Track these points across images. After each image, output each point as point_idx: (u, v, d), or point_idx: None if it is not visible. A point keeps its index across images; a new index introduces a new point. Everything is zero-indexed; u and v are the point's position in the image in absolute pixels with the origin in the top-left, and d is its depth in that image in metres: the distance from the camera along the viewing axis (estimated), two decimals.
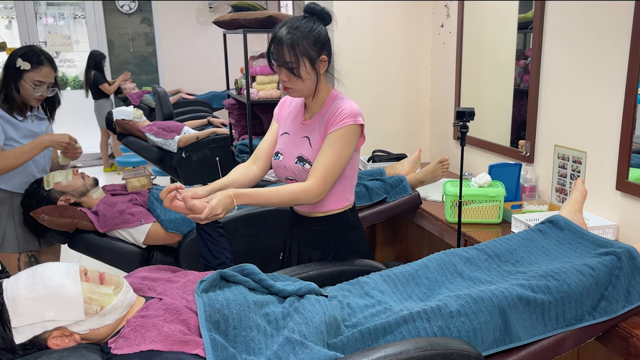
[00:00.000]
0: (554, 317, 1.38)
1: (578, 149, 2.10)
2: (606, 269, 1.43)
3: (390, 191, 2.44)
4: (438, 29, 3.14)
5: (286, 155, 1.75)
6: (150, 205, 2.46)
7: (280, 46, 1.59)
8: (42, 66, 2.28)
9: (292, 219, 1.86)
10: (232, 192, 1.55)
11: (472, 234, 2.09)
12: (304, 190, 1.62)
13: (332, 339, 1.31)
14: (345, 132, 1.63)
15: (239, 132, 4.14)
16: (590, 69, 2.02)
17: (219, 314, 1.26)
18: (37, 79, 2.27)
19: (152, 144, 4.43)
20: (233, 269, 1.45)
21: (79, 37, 7.25)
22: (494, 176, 2.30)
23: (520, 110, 2.48)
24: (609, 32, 1.92)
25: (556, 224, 1.66)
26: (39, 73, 2.27)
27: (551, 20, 2.22)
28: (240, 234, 2.32)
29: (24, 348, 1.19)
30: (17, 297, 1.17)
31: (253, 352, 1.23)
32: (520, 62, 2.45)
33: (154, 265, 1.59)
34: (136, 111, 4.57)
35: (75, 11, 7.24)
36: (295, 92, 1.67)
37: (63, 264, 1.27)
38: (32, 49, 2.29)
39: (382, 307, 1.39)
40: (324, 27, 1.65)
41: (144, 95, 6.38)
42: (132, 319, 1.24)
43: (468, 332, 1.30)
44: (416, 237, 3.05)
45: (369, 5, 3.07)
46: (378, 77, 3.18)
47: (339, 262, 1.75)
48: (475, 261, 1.55)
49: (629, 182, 1.87)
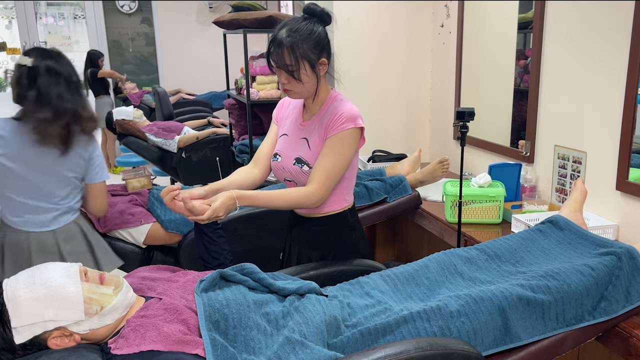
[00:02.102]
0: (554, 317, 1.38)
1: (578, 149, 2.10)
2: (606, 269, 1.43)
3: (390, 191, 2.44)
4: (438, 29, 3.14)
5: (284, 156, 1.75)
6: (150, 205, 2.46)
7: (280, 49, 1.58)
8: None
9: (292, 219, 1.86)
10: (235, 194, 1.56)
11: (472, 234, 2.09)
12: (306, 195, 1.63)
13: (332, 339, 1.31)
14: (345, 135, 1.63)
15: (239, 132, 4.14)
16: (590, 69, 2.02)
17: (219, 314, 1.26)
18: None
19: (152, 144, 4.43)
20: (233, 268, 1.45)
21: (79, 37, 7.25)
22: (494, 176, 2.30)
23: (520, 110, 2.48)
24: (609, 32, 1.92)
25: (556, 224, 1.66)
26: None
27: (551, 20, 2.22)
28: (240, 234, 2.32)
29: (24, 348, 1.19)
30: (17, 297, 1.17)
31: (253, 351, 1.23)
32: (520, 62, 2.45)
33: (153, 265, 1.59)
34: (136, 111, 4.57)
35: (75, 11, 7.24)
36: (295, 94, 1.66)
37: (63, 264, 1.27)
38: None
39: (382, 307, 1.39)
40: (323, 29, 1.65)
41: (144, 95, 6.38)
42: (132, 319, 1.24)
43: (468, 332, 1.30)
44: (416, 237, 3.05)
45: (368, 5, 3.07)
46: (378, 77, 3.18)
47: (339, 262, 1.75)
48: (475, 261, 1.55)
49: (629, 182, 1.87)
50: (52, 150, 1.88)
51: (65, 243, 1.97)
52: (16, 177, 1.87)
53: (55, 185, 1.93)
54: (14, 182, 1.88)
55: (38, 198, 1.92)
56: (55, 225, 1.96)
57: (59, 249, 1.96)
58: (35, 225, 1.93)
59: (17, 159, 1.85)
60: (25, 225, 1.93)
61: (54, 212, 1.96)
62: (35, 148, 1.86)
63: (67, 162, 1.93)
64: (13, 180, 1.88)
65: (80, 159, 1.96)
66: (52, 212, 1.95)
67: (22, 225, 1.93)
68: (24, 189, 1.90)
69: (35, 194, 1.91)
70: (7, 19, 7.16)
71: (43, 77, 1.84)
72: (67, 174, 1.94)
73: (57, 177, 1.93)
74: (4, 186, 1.89)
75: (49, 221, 1.95)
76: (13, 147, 1.84)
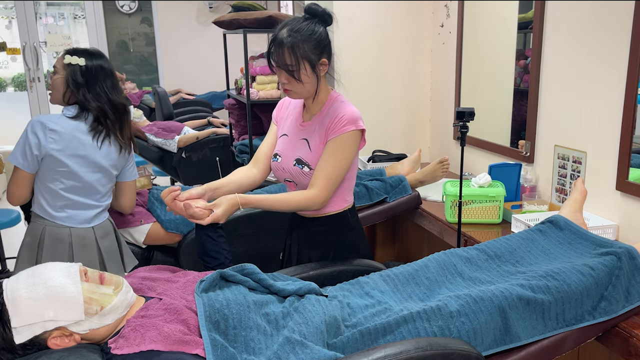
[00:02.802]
0: (554, 317, 1.38)
1: (578, 149, 2.10)
2: (606, 269, 1.43)
3: (390, 191, 2.44)
4: (438, 29, 3.14)
5: (284, 157, 1.75)
6: (150, 205, 2.46)
7: (280, 48, 1.58)
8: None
9: (292, 220, 1.86)
10: (239, 200, 1.57)
11: (472, 234, 2.09)
12: (309, 199, 1.64)
13: (332, 339, 1.31)
14: (347, 138, 1.63)
15: (239, 132, 4.14)
16: (590, 69, 2.02)
17: (219, 314, 1.26)
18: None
19: (152, 144, 4.43)
20: (233, 268, 1.45)
21: (79, 37, 7.26)
22: (494, 176, 2.30)
23: (520, 110, 2.48)
24: (609, 32, 1.92)
25: (556, 224, 1.66)
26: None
27: (551, 20, 2.22)
28: (240, 234, 2.32)
29: (24, 348, 1.19)
30: (17, 297, 1.17)
31: (253, 352, 1.23)
32: (520, 62, 2.45)
33: (153, 265, 1.59)
34: (136, 111, 4.57)
35: (75, 11, 7.24)
36: (295, 94, 1.66)
37: (63, 264, 1.27)
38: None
39: (382, 307, 1.39)
40: (324, 29, 1.65)
41: (144, 95, 6.37)
42: (132, 319, 1.24)
43: (468, 332, 1.30)
44: (416, 237, 3.05)
45: (369, 6, 3.07)
46: (378, 78, 3.18)
47: (339, 262, 1.75)
48: (475, 261, 1.55)
49: (629, 182, 1.87)
50: (108, 149, 1.98)
51: (102, 239, 2.05)
52: (69, 172, 1.93)
53: (101, 182, 2.01)
54: (65, 178, 1.93)
55: (85, 195, 1.98)
56: (95, 222, 2.03)
57: (97, 244, 2.03)
58: (78, 222, 1.99)
59: (72, 155, 1.91)
60: (69, 220, 1.97)
61: (96, 210, 2.03)
62: (88, 145, 1.94)
63: (113, 159, 2.01)
64: (65, 175, 1.93)
65: (122, 157, 2.05)
66: (95, 209, 2.02)
67: (66, 220, 1.97)
68: (73, 185, 1.95)
69: (83, 190, 1.97)
70: (7, 19, 7.17)
71: (99, 75, 1.95)
72: (112, 171, 2.03)
73: (104, 173, 2.00)
74: (55, 181, 1.93)
75: (91, 218, 2.02)
76: (69, 143, 1.90)
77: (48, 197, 1.94)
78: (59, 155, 1.88)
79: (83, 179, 1.95)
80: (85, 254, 1.98)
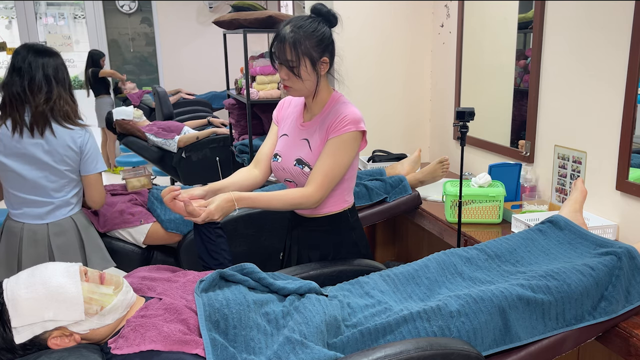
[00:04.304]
0: (554, 317, 1.38)
1: (578, 149, 2.10)
2: (606, 269, 1.43)
3: (390, 191, 2.44)
4: (438, 29, 3.14)
5: (285, 157, 1.75)
6: (150, 205, 2.46)
7: (282, 44, 1.59)
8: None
9: (292, 220, 1.86)
10: (234, 196, 1.56)
11: (472, 234, 2.09)
12: (304, 196, 1.63)
13: (332, 339, 1.31)
14: (347, 138, 1.63)
15: (239, 132, 4.14)
16: (590, 69, 2.02)
17: (219, 314, 1.26)
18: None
19: (152, 144, 4.43)
20: (232, 268, 1.45)
21: (79, 37, 7.26)
22: (494, 176, 2.30)
23: (520, 110, 2.48)
24: (609, 32, 1.92)
25: (556, 223, 1.66)
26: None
27: (551, 20, 2.22)
28: (240, 234, 2.32)
29: (24, 348, 1.19)
30: (17, 297, 1.17)
31: (253, 351, 1.23)
32: (520, 62, 2.45)
33: (153, 265, 1.59)
34: (136, 111, 4.57)
35: (75, 11, 7.24)
36: (295, 91, 1.67)
37: (63, 263, 1.27)
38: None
39: (382, 307, 1.39)
40: (328, 29, 1.65)
41: (144, 95, 6.38)
42: (132, 319, 1.24)
43: (468, 332, 1.30)
44: (416, 237, 3.05)
45: (369, 5, 3.07)
46: (378, 77, 3.18)
47: (339, 262, 1.75)
48: (475, 261, 1.55)
49: (629, 182, 1.87)
50: (41, 144, 1.98)
51: (56, 237, 2.06)
52: (11, 172, 1.99)
53: (48, 178, 2.02)
54: (10, 177, 2.00)
55: (32, 192, 2.02)
56: (50, 219, 2.06)
57: (49, 241, 2.05)
58: (31, 218, 2.04)
59: (10, 154, 1.97)
60: (22, 217, 2.05)
61: (49, 206, 2.05)
62: (24, 142, 1.96)
63: (56, 155, 2.00)
64: (9, 175, 2.00)
65: (69, 151, 2.02)
66: (47, 205, 2.04)
67: (20, 217, 2.05)
68: (19, 184, 2.01)
69: (29, 188, 2.01)
70: (7, 19, 7.16)
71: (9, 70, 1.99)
72: (58, 167, 2.02)
73: (48, 170, 2.01)
74: (5, 180, 2.02)
75: (44, 214, 2.05)
76: (7, 143, 1.96)
77: (7, 195, 2.05)
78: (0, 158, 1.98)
79: (26, 177, 1.99)
80: (34, 250, 2.04)
